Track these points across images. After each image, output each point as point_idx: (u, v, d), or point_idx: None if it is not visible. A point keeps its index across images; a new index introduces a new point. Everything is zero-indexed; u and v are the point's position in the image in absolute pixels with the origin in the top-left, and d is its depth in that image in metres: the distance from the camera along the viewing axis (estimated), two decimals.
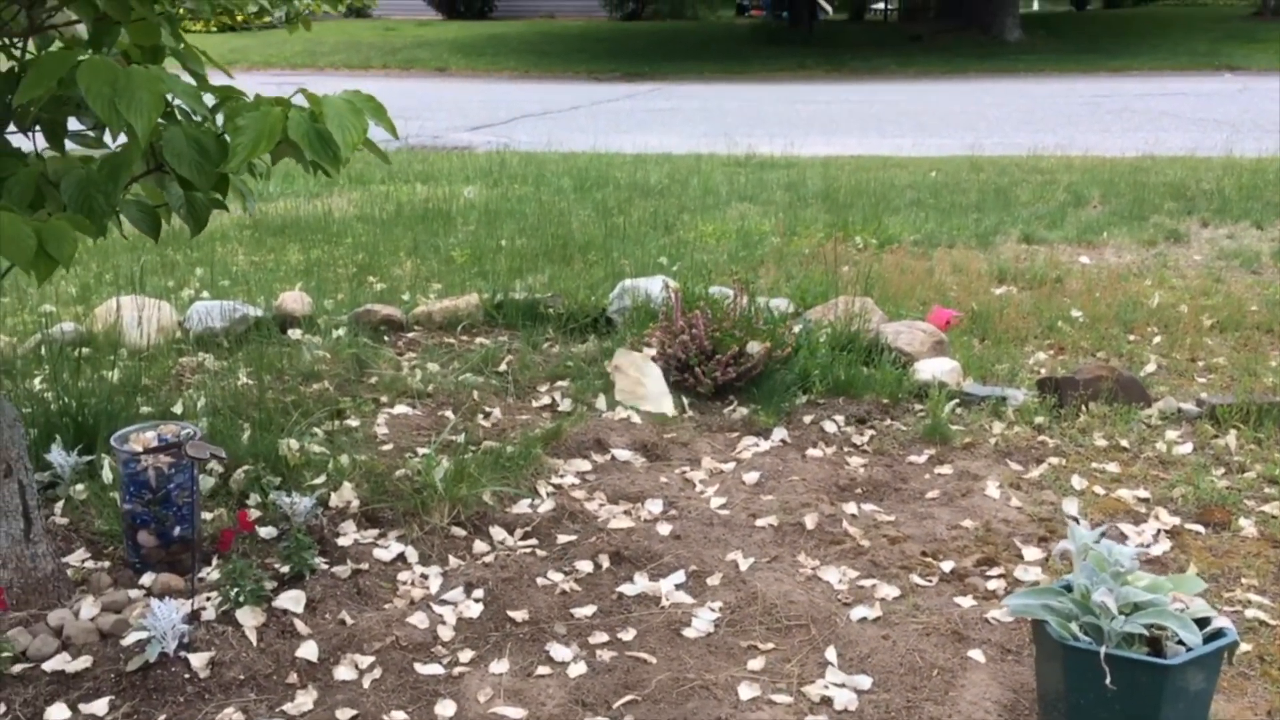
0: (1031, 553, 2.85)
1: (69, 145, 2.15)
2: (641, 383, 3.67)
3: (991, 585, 2.71)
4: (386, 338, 4.42)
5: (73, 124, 2.25)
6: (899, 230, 6.32)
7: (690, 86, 18.02)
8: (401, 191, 7.76)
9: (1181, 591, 2.08)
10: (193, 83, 1.69)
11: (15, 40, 1.96)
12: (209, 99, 1.66)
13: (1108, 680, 1.94)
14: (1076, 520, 3.01)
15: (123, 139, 1.86)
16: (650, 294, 4.32)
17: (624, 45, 23.55)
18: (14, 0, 1.67)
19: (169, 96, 1.67)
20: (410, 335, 4.48)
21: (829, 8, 31.92)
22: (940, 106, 15.21)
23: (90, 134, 2.23)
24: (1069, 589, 2.09)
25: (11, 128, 2.10)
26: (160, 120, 1.66)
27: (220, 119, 1.69)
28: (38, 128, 2.13)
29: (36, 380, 3.82)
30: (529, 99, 15.83)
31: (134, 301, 4.32)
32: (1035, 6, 32.95)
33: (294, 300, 4.55)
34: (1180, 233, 6.44)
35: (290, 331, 4.42)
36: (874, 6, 32.23)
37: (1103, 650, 1.95)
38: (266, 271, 5.41)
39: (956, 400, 3.75)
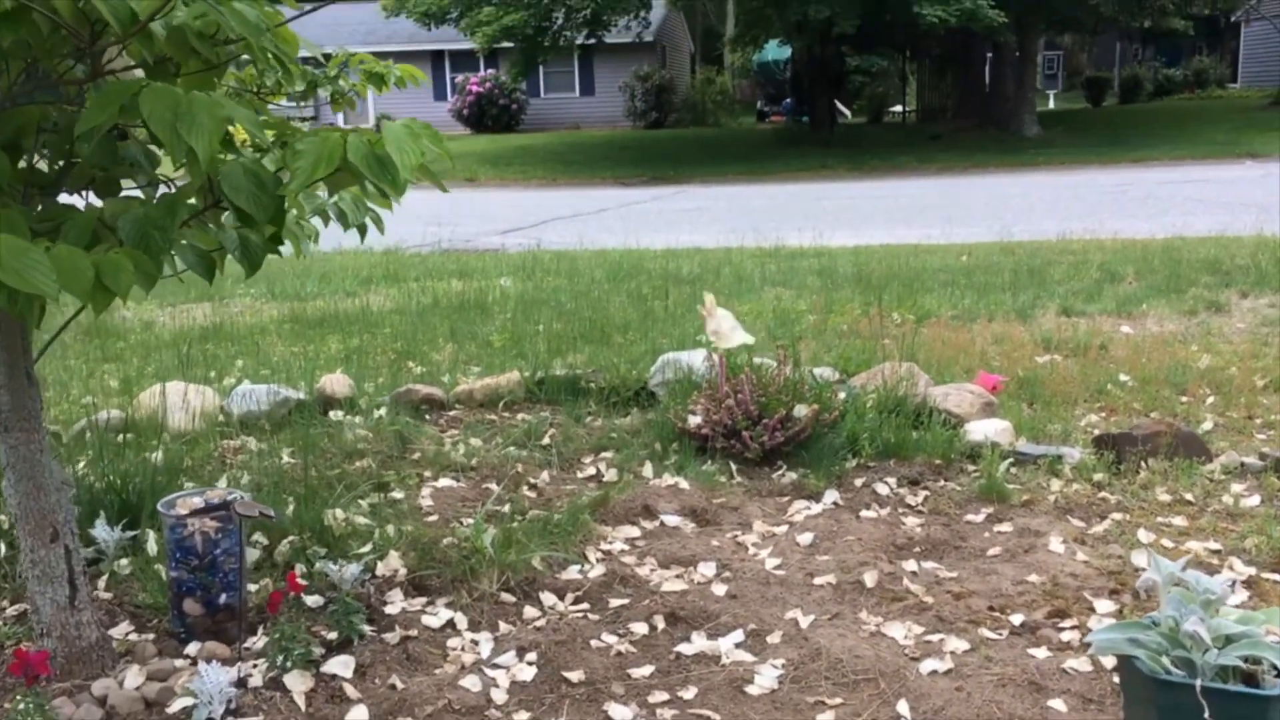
0: (1104, 605, 2.74)
1: None
2: (722, 323, 3.79)
3: (1065, 637, 2.59)
4: (428, 416, 4.41)
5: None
6: (936, 306, 6.30)
7: (715, 188, 18.32)
8: (437, 286, 7.85)
9: (1274, 625, 1.97)
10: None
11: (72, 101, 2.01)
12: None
13: (1206, 716, 1.82)
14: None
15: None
16: (692, 366, 4.29)
17: (649, 152, 24.07)
18: (72, 49, 1.70)
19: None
20: (452, 413, 4.46)
21: (848, 111, 32.61)
22: (964, 198, 15.35)
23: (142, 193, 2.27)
24: (1156, 624, 1.99)
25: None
26: (220, 154, 1.68)
27: (278, 153, 1.71)
28: (90, 189, 2.17)
29: (81, 464, 3.81)
30: (557, 204, 16.12)
31: (177, 387, 4.33)
32: (1051, 105, 33.50)
33: (335, 383, 4.56)
34: (1220, 303, 6.37)
35: (332, 413, 4.41)
36: (892, 109, 32.88)
37: (1198, 683, 1.84)
38: (307, 360, 5.44)
39: (1011, 459, 3.66)
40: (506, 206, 16.25)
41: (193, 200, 1.82)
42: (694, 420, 3.81)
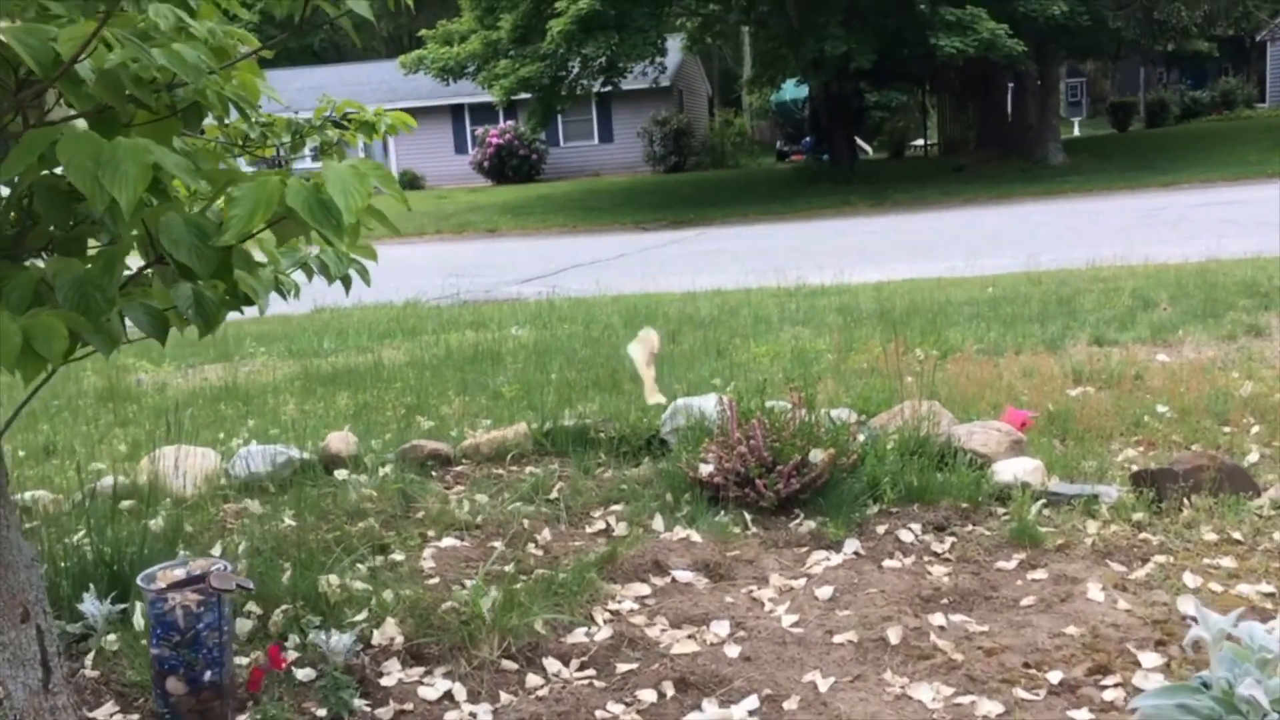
0: (1150, 658, 2.53)
1: None
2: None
3: (1109, 695, 2.38)
4: (434, 472, 4.27)
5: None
6: (960, 340, 6.11)
7: (736, 228, 18.24)
8: (451, 338, 7.75)
9: None
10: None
11: None
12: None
13: None
14: (1196, 621, 2.68)
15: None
16: (705, 412, 4.13)
17: (668, 196, 24.08)
18: (12, 100, 1.60)
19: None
20: (458, 468, 4.32)
21: (868, 147, 32.54)
22: (989, 229, 15.15)
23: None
24: (1207, 685, 1.79)
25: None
26: (154, 200, 1.56)
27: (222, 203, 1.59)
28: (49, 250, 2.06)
29: (79, 534, 3.70)
30: (577, 251, 16.08)
31: (176, 451, 4.23)
32: (1076, 131, 33.29)
33: (339, 441, 4.44)
34: (1260, 327, 6.14)
35: (337, 472, 4.28)
36: (913, 143, 32.78)
37: None
38: (315, 418, 5.33)
39: (1043, 500, 3.46)
40: (526, 255, 16.23)
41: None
42: (705, 469, 3.64)
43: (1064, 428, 4.28)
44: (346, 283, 2.69)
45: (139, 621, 2.93)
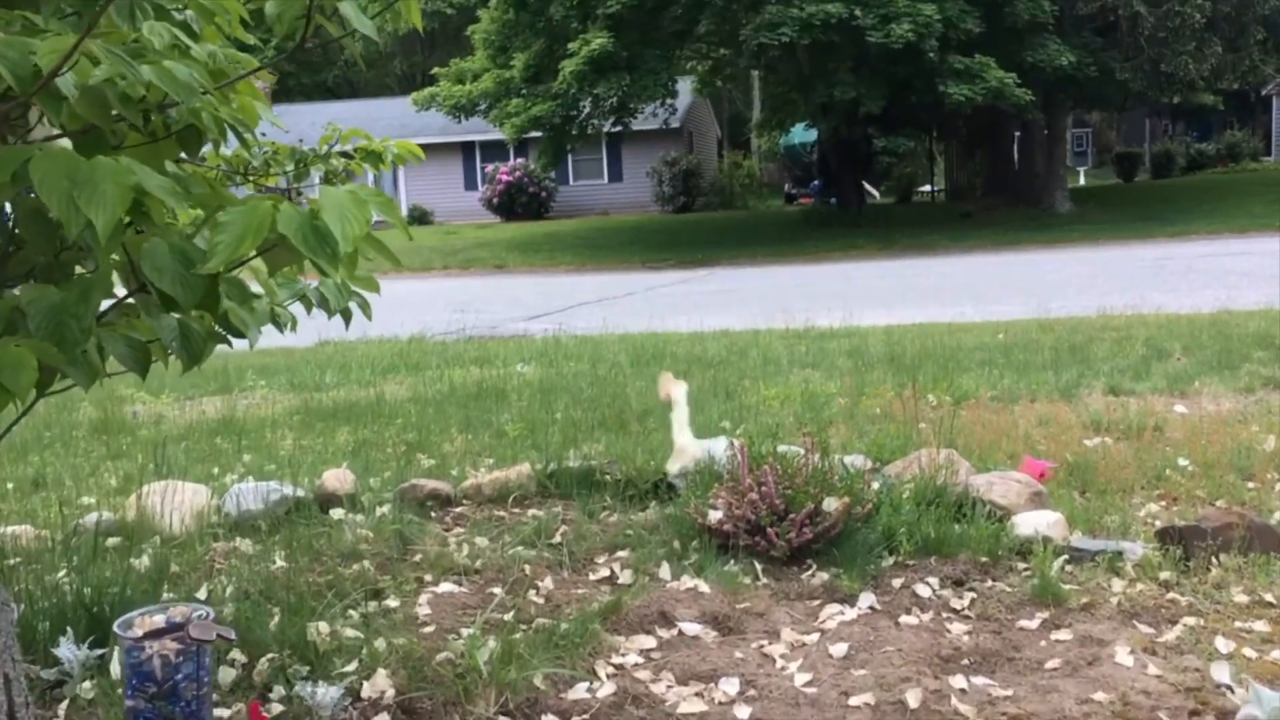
0: None
1: None
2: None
3: None
4: (434, 513, 4.14)
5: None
6: (973, 387, 5.98)
7: (744, 270, 18.19)
8: (455, 374, 7.64)
9: None
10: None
11: None
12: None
13: None
14: (1231, 689, 2.54)
15: None
16: (714, 455, 4.00)
17: (677, 235, 24.08)
18: None
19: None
20: (458, 509, 4.19)
21: (876, 192, 32.62)
22: (997, 276, 15.08)
23: None
24: None
25: None
26: (138, 226, 1.46)
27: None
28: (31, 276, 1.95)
29: (61, 572, 3.56)
30: (585, 289, 16.03)
31: (165, 487, 4.10)
32: (1082, 181, 33.35)
33: (336, 479, 4.31)
34: (1277, 380, 6.01)
35: (332, 511, 4.15)
36: (920, 189, 32.86)
37: None
38: (314, 454, 5.20)
39: (1065, 556, 3.32)
40: (533, 293, 16.17)
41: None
42: (715, 515, 3.51)
43: (1084, 479, 4.14)
44: (347, 316, 2.58)
45: (115, 669, 2.80)
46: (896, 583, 3.28)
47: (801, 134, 33.03)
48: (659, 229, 26.15)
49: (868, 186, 30.12)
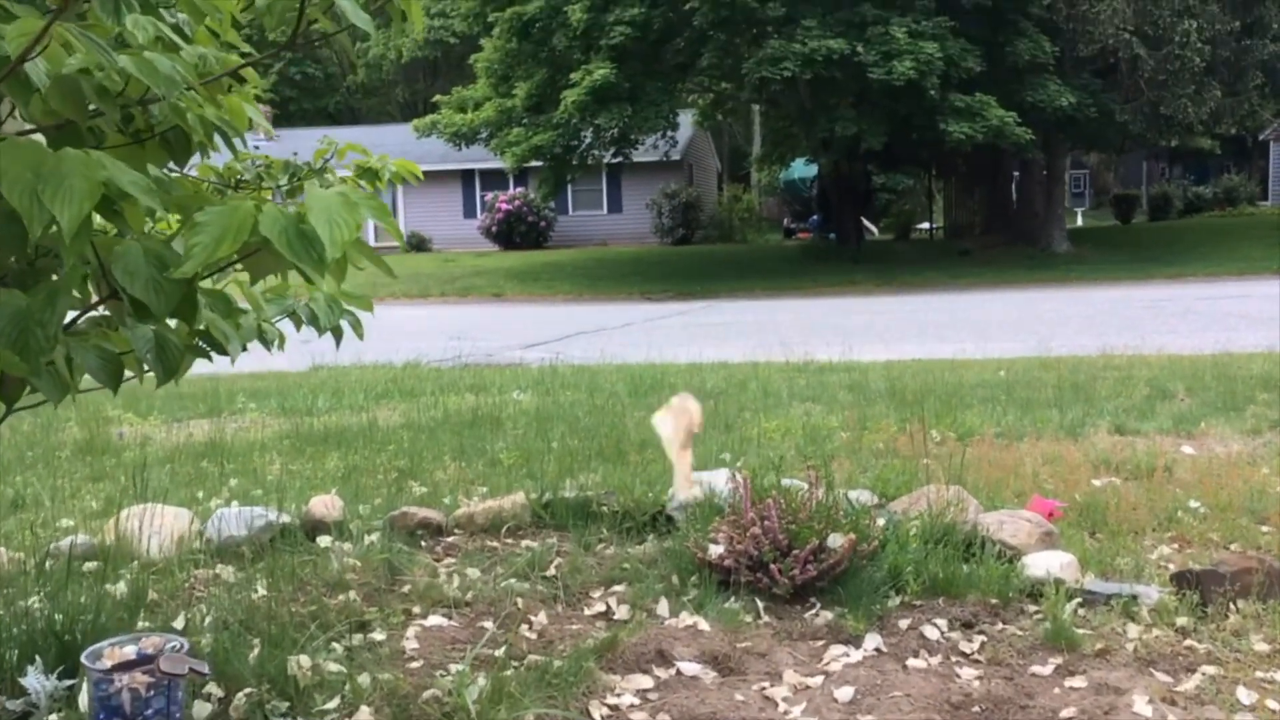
0: None
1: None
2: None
3: None
4: (424, 542, 4.01)
5: None
6: (978, 423, 5.88)
7: (742, 302, 18.14)
8: (450, 401, 7.52)
9: None
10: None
11: None
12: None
13: None
14: None
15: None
16: (714, 487, 3.89)
17: (675, 267, 24.06)
18: None
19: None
20: (450, 539, 4.06)
21: (874, 228, 32.68)
22: (996, 314, 15.03)
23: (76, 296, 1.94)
24: None
25: None
26: (108, 226, 1.35)
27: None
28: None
29: (34, 599, 3.43)
30: (582, 319, 15.94)
31: (146, 510, 3.97)
32: (1080, 222, 33.46)
33: (324, 505, 4.18)
34: None
35: (319, 538, 4.02)
36: (919, 226, 32.92)
37: None
38: (302, 479, 5.08)
39: (1078, 599, 3.20)
40: (531, 322, 16.08)
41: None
42: (715, 550, 3.39)
43: (1094, 520, 4.03)
44: (337, 334, 2.47)
45: (83, 701, 2.66)
46: (903, 624, 3.16)
47: (801, 169, 33.14)
48: (658, 260, 26.13)
49: (866, 223, 30.16)
